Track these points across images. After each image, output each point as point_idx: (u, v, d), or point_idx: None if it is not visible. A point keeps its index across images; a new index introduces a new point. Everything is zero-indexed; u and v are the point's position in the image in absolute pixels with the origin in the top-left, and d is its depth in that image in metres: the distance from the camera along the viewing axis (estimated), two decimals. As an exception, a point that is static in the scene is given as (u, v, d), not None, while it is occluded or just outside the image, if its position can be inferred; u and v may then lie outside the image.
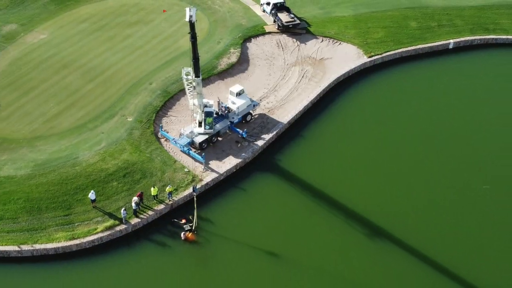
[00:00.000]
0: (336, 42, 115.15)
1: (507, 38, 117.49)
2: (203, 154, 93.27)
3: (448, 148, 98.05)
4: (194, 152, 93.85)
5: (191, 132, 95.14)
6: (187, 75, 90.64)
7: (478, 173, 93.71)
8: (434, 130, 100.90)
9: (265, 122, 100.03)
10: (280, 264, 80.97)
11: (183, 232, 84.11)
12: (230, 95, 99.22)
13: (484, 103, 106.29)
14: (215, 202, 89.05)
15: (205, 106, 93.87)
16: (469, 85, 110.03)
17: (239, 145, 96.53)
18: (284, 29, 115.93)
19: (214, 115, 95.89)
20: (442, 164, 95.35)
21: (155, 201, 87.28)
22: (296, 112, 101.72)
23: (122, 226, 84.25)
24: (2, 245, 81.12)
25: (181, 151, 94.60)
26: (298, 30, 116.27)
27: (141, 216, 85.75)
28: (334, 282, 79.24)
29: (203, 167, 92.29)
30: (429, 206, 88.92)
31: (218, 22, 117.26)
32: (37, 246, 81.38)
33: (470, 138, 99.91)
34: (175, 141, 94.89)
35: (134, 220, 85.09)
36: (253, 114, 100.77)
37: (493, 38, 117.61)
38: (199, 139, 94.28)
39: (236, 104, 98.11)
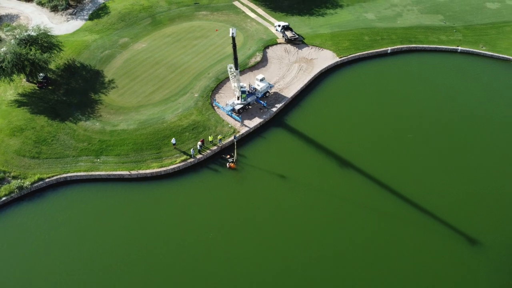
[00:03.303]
0: (320, 49, 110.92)
1: (422, 46, 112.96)
2: (240, 116, 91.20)
3: (388, 110, 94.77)
4: (235, 115, 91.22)
5: (233, 103, 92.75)
6: (230, 68, 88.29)
7: (406, 128, 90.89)
8: (379, 99, 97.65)
9: (277, 97, 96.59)
10: (286, 182, 79.95)
11: (228, 163, 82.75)
12: (256, 81, 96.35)
13: (410, 83, 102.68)
14: (247, 145, 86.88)
15: (241, 87, 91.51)
16: (399, 73, 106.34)
17: (261, 111, 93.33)
18: (289, 41, 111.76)
19: (247, 93, 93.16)
20: (384, 119, 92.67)
21: (211, 144, 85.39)
22: (296, 91, 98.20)
23: (191, 159, 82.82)
24: (119, 170, 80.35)
25: (227, 114, 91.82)
26: (297, 42, 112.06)
27: (203, 153, 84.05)
28: (317, 192, 78.71)
29: (240, 124, 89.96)
30: (375, 146, 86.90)
31: (249, 36, 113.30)
32: (140, 171, 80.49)
33: (402, 105, 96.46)
34: (223, 108, 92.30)
35: (199, 156, 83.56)
36: (270, 92, 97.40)
37: (414, 46, 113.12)
38: (238, 107, 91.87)
39: (260, 86, 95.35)
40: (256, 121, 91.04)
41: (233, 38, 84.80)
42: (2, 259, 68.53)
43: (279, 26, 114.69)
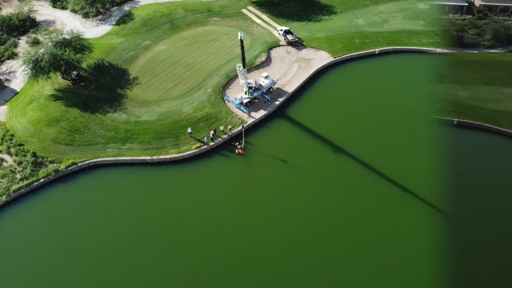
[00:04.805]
0: (317, 50, 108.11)
1: (406, 48, 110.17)
2: (247, 108, 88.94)
3: (376, 103, 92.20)
4: (243, 107, 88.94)
5: (241, 97, 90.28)
6: (239, 67, 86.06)
7: (391, 119, 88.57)
8: (368, 94, 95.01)
9: (280, 92, 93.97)
10: (287, 165, 78.53)
11: (237, 149, 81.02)
12: (261, 78, 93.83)
13: (395, 80, 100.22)
14: (253, 134, 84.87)
15: (248, 83, 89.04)
16: (386, 71, 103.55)
17: (266, 104, 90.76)
18: (290, 43, 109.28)
19: (253, 88, 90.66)
20: (373, 111, 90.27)
21: (222, 133, 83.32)
22: (296, 87, 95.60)
23: (205, 146, 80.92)
24: (142, 156, 78.62)
25: (236, 107, 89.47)
26: (297, 44, 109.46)
27: (215, 141, 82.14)
28: (314, 174, 77.44)
29: (247, 115, 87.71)
30: (364, 134, 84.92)
31: (255, 39, 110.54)
32: (161, 157, 78.72)
33: (388, 98, 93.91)
34: (233, 102, 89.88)
35: (211, 143, 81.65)
36: (273, 88, 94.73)
37: (398, 48, 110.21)
38: (245, 100, 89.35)
39: (264, 82, 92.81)
40: (261, 113, 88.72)
41: (241, 41, 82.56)
42: (42, 233, 67.48)
43: (281, 30, 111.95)
